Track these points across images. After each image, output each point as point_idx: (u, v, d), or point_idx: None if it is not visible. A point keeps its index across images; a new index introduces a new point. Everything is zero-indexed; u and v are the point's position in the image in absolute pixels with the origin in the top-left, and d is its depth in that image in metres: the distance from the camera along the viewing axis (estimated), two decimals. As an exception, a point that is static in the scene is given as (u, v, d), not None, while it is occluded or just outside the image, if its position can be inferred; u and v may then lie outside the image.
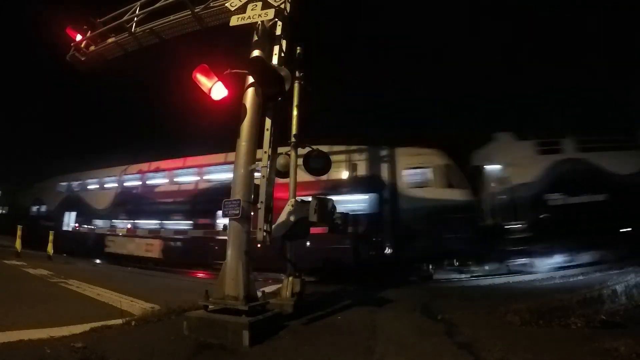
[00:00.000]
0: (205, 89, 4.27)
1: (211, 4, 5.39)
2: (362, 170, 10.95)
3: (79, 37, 6.38)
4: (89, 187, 17.85)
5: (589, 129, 12.40)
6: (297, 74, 5.95)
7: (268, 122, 4.41)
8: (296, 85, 5.88)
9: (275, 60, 4.52)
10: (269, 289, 6.80)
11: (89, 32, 6.40)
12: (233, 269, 3.97)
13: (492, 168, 12.17)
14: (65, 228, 17.61)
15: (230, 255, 4.05)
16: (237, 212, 4.00)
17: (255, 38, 4.68)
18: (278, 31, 4.65)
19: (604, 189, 10.83)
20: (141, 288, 7.34)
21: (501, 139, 12.49)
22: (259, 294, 4.75)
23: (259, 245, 4.19)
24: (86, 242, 16.47)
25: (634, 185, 10.70)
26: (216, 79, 4.27)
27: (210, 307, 3.87)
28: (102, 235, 15.89)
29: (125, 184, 16.19)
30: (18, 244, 13.11)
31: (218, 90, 4.29)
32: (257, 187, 4.25)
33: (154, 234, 14.17)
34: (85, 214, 17.07)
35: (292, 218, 4.93)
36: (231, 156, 4.81)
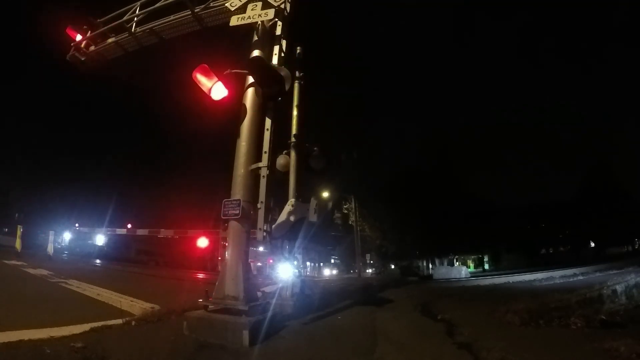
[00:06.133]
0: (205, 89, 4.26)
1: (211, 4, 5.39)
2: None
3: (79, 37, 6.37)
4: None
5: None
6: (297, 74, 5.95)
7: (268, 122, 4.41)
8: (296, 85, 5.88)
9: (275, 60, 4.52)
10: (269, 289, 6.80)
11: (89, 32, 6.39)
12: (233, 268, 3.96)
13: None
14: None
15: (230, 255, 4.05)
16: (237, 212, 3.99)
17: (255, 38, 4.68)
18: (278, 31, 4.65)
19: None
20: (141, 288, 7.36)
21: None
22: (259, 294, 4.75)
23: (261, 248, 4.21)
24: None
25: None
26: (216, 79, 4.25)
27: (210, 307, 3.86)
28: None
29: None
30: (18, 244, 13.14)
31: (218, 90, 4.26)
32: (257, 187, 4.25)
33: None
34: None
35: (292, 218, 4.93)
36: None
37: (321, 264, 43.90)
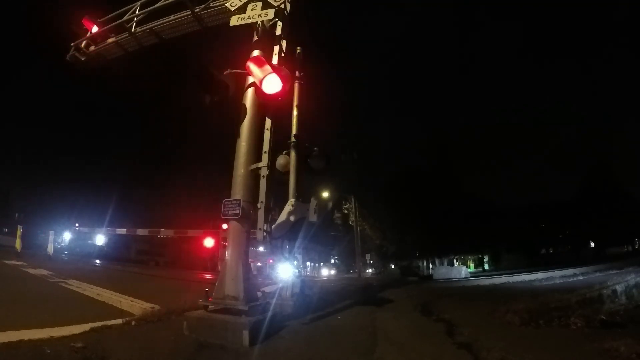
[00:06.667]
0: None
1: (211, 4, 5.39)
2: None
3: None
4: None
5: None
6: (297, 74, 5.95)
7: (268, 122, 4.41)
8: (296, 85, 5.88)
9: (275, 60, 4.51)
10: (269, 289, 6.80)
11: (89, 32, 6.39)
12: (233, 269, 3.96)
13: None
14: None
15: (230, 255, 4.05)
16: (237, 212, 3.99)
17: (255, 38, 4.68)
18: (278, 31, 4.64)
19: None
20: (141, 288, 7.35)
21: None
22: (259, 294, 4.75)
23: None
24: None
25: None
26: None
27: (210, 307, 3.87)
28: None
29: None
30: (18, 244, 13.13)
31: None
32: (257, 187, 4.24)
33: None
34: None
35: (292, 218, 4.93)
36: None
37: (321, 264, 43.91)
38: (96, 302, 5.28)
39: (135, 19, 5.98)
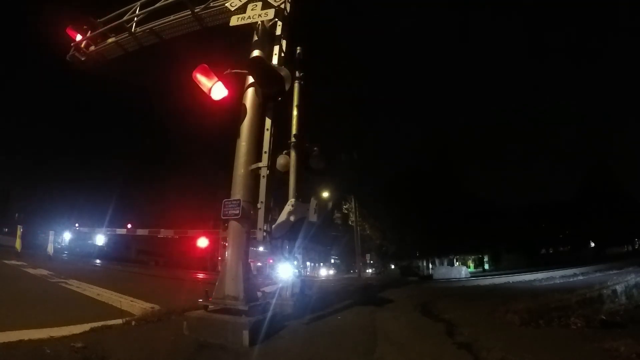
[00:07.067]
0: (205, 89, 4.26)
1: (211, 4, 5.39)
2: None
3: (79, 37, 6.36)
4: None
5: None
6: (297, 74, 5.95)
7: (268, 122, 4.41)
8: (296, 85, 5.88)
9: (275, 60, 4.52)
10: (269, 289, 6.80)
11: (89, 32, 6.39)
12: (233, 269, 3.96)
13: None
14: None
15: (230, 255, 4.05)
16: (237, 212, 3.99)
17: (255, 38, 4.68)
18: (278, 31, 4.65)
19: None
20: (141, 288, 7.36)
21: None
22: (259, 294, 4.75)
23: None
24: None
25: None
26: (216, 79, 4.25)
27: (210, 307, 3.86)
28: None
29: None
30: (18, 244, 13.14)
31: (218, 90, 4.27)
32: (257, 187, 4.25)
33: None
34: None
35: (292, 218, 4.93)
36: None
37: (321, 264, 43.90)
38: (96, 302, 5.28)
39: (135, 19, 5.98)
